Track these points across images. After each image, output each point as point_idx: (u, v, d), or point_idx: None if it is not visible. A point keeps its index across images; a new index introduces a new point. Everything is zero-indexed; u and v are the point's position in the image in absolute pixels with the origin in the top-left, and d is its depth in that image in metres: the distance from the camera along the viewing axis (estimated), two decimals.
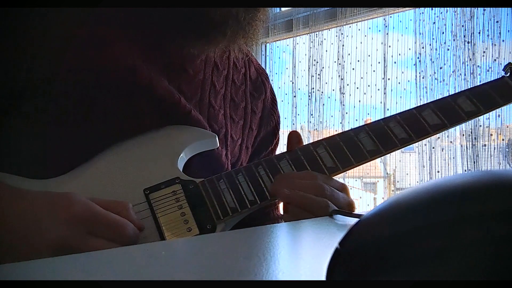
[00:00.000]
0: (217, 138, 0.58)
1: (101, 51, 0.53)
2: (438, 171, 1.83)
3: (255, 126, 0.69)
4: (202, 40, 0.57)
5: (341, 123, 2.10)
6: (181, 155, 0.55)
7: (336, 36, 2.16)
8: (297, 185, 0.51)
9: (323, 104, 2.18)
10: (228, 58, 0.67)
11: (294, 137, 0.58)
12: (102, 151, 0.53)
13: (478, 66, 1.73)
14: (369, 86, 2.07)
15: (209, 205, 0.51)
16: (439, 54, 1.84)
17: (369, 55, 2.08)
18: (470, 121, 1.71)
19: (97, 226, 0.43)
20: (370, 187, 2.38)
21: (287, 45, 2.43)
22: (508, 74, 0.64)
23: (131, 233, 0.45)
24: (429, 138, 1.80)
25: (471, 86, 0.62)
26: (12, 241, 0.41)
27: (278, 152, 0.72)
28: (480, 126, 1.71)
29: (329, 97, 2.18)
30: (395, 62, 2.01)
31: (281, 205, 0.61)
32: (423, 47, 1.89)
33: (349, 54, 2.12)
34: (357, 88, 2.10)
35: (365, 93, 2.08)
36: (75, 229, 0.42)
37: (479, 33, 1.73)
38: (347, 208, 0.52)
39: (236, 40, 0.57)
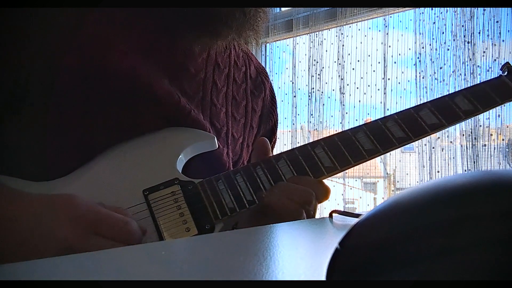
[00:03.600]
0: (215, 140, 0.58)
1: (101, 52, 0.53)
2: (438, 171, 1.83)
3: (255, 124, 0.69)
4: (210, 34, 0.57)
5: (341, 123, 2.10)
6: (180, 156, 0.55)
7: (336, 36, 2.16)
8: (285, 189, 0.52)
9: (323, 104, 2.18)
10: (229, 56, 0.67)
11: (261, 145, 0.57)
12: (102, 152, 0.53)
13: (478, 66, 1.73)
14: (369, 86, 2.07)
15: (207, 205, 0.51)
16: (439, 54, 1.84)
17: (369, 55, 2.08)
18: (470, 121, 1.72)
19: (101, 226, 0.43)
20: (370, 187, 2.38)
21: (287, 45, 2.43)
22: (505, 73, 0.64)
23: (136, 230, 0.44)
24: (429, 138, 1.82)
25: (469, 86, 0.62)
26: (15, 245, 0.41)
27: (275, 151, 0.73)
28: (480, 126, 1.71)
29: (329, 97, 2.18)
30: (395, 62, 2.01)
31: None
32: (423, 47, 1.89)
33: (349, 54, 2.12)
34: (357, 88, 2.10)
35: (365, 93, 2.08)
36: (79, 230, 0.42)
37: (479, 33, 1.73)
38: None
39: (243, 32, 0.57)
